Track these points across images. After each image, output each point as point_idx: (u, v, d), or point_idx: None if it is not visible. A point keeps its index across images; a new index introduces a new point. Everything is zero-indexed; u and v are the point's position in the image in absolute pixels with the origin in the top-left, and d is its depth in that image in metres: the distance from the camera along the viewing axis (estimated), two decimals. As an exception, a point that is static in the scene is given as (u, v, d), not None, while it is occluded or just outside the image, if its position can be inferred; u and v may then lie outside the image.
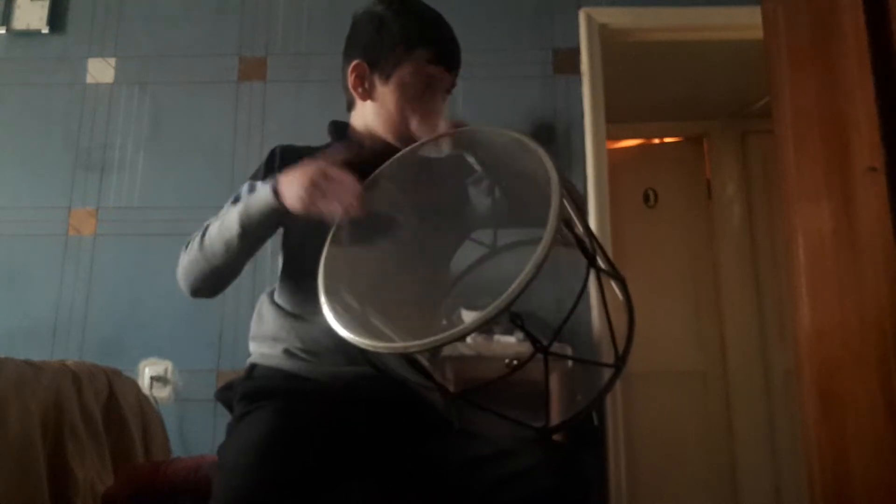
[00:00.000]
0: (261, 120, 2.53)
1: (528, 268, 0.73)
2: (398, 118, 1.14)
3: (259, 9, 2.65)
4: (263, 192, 1.01)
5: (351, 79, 1.17)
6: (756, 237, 3.62)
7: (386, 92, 1.15)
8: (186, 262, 1.09)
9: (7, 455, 1.24)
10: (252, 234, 1.04)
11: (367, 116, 1.18)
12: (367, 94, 1.17)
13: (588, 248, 0.85)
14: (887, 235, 1.58)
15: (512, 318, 0.75)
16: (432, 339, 0.76)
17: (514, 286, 0.73)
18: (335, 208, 0.93)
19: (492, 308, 0.73)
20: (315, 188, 0.94)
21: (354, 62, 1.16)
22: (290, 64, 2.58)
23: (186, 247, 1.10)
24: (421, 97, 1.13)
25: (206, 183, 2.47)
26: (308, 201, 0.95)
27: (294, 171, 0.98)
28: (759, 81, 2.22)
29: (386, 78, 1.15)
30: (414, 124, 1.11)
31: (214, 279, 1.10)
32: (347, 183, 0.94)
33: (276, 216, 1.01)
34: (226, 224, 1.04)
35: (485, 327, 0.74)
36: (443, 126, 1.07)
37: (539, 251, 0.74)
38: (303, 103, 2.52)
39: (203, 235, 1.08)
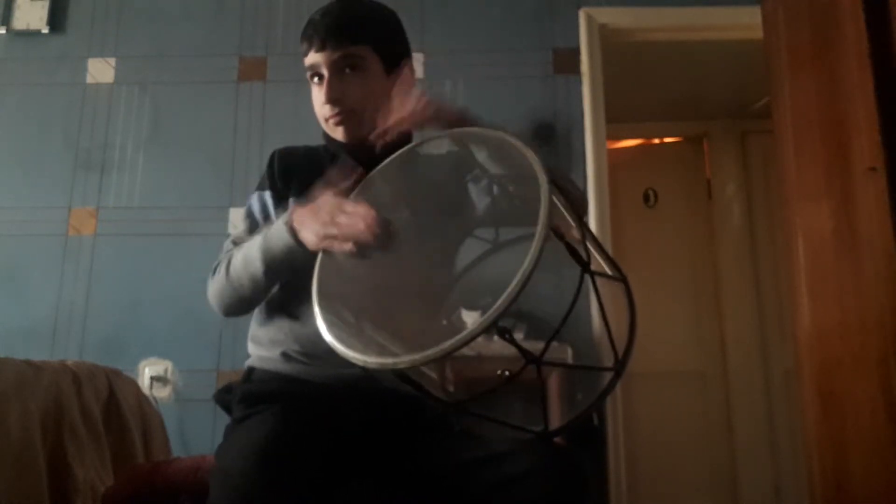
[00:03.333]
0: (261, 120, 2.53)
1: (513, 284, 0.71)
2: (321, 119, 1.17)
3: (259, 9, 2.65)
4: (280, 231, 1.00)
5: None
6: (756, 237, 3.62)
7: None
8: (216, 289, 1.11)
9: (7, 455, 1.24)
10: (277, 271, 1.04)
11: None
12: None
13: (581, 255, 0.82)
14: (887, 235, 1.58)
15: (500, 332, 0.73)
16: (420, 355, 0.73)
17: (500, 302, 0.71)
18: (349, 249, 0.92)
19: (476, 327, 0.71)
20: (330, 226, 0.93)
21: None
22: (290, 64, 2.58)
23: (214, 272, 1.11)
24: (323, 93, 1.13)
25: (206, 183, 2.47)
26: (324, 240, 0.94)
27: (308, 208, 0.98)
28: (759, 81, 2.22)
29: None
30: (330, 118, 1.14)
31: (245, 304, 1.12)
32: (363, 216, 0.92)
33: (299, 254, 0.99)
34: (249, 258, 1.05)
35: (472, 341, 0.72)
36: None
37: (526, 263, 0.72)
38: (303, 103, 2.47)
39: (228, 264, 1.08)
